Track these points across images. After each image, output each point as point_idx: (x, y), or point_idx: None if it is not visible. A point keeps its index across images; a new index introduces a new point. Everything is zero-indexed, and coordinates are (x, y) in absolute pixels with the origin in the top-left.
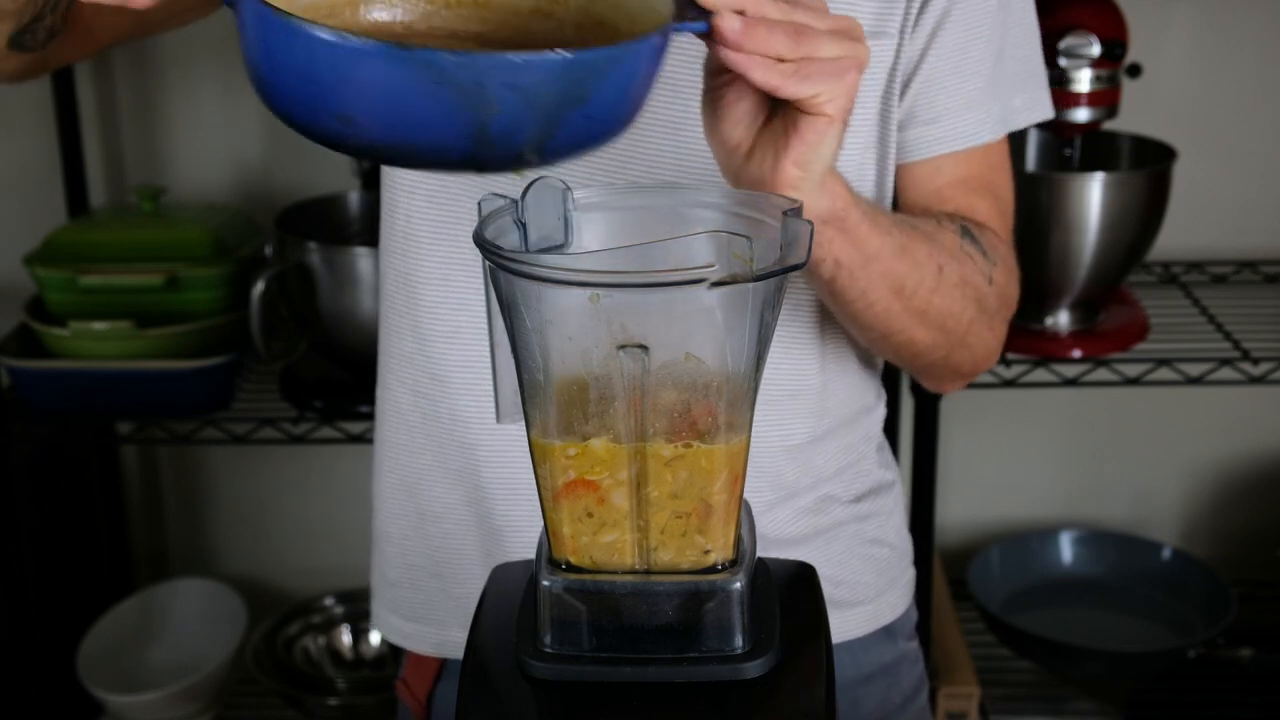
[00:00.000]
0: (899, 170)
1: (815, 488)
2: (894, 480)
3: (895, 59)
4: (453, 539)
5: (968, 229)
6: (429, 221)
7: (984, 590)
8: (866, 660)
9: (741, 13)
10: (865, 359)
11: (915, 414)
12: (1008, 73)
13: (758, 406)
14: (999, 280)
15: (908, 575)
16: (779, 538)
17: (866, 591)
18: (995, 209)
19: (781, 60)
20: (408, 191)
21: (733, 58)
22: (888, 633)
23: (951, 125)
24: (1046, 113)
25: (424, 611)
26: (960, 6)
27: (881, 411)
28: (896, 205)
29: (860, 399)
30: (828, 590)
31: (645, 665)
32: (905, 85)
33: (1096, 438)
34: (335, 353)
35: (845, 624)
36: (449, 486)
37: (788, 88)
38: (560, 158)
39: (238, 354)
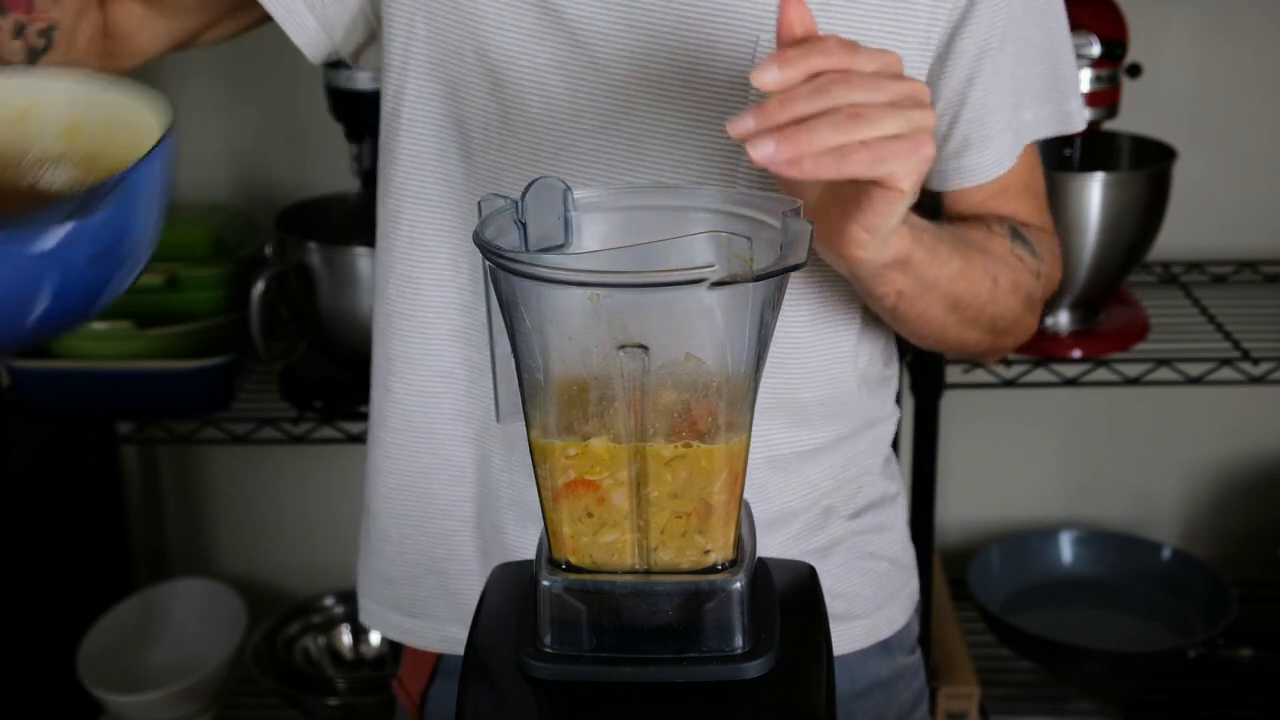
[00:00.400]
0: (949, 191)
1: (817, 501)
2: (898, 493)
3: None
4: (455, 536)
5: (1017, 231)
6: (434, 225)
7: (984, 590)
8: (862, 674)
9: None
10: (882, 374)
11: (915, 414)
12: (1062, 77)
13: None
14: (1046, 272)
15: (909, 589)
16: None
17: (864, 605)
18: (1036, 205)
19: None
20: (414, 197)
21: (786, 171)
22: (885, 647)
23: (1005, 147)
24: (1082, 123)
25: (424, 607)
26: (999, 37)
27: (892, 426)
28: (935, 212)
29: (875, 410)
30: (826, 601)
31: (645, 665)
32: (953, 120)
33: (1096, 438)
34: (335, 353)
35: (841, 637)
36: (451, 484)
37: (853, 171)
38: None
39: (238, 354)
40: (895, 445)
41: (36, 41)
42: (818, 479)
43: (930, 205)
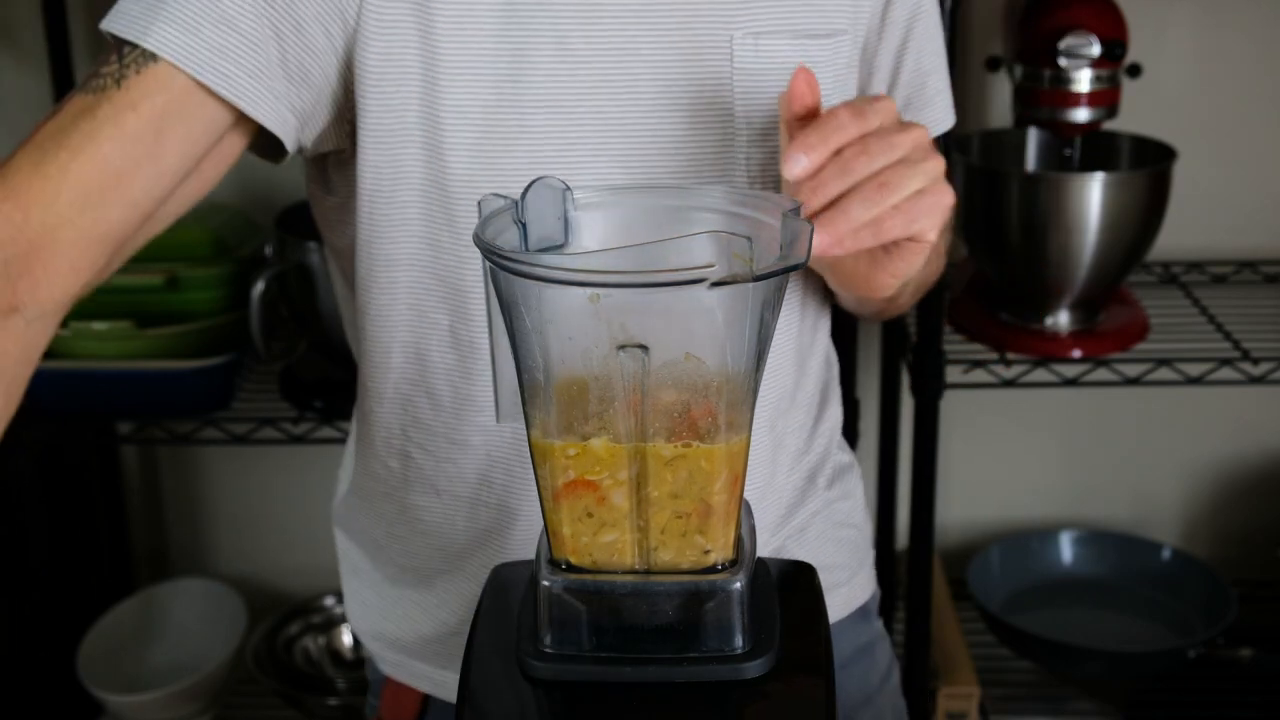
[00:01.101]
0: None
1: (803, 475)
2: (852, 462)
3: (858, 54)
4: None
5: None
6: (437, 293)
7: (984, 590)
8: (846, 643)
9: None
10: (827, 352)
11: (915, 414)
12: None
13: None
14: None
15: (871, 554)
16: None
17: (842, 574)
18: None
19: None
20: (409, 264)
21: (831, 252)
22: (863, 613)
23: (937, 113)
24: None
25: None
26: (928, 3)
27: (839, 401)
28: None
29: (830, 388)
30: None
31: (645, 665)
32: (893, 84)
33: (1097, 438)
34: (335, 353)
35: (830, 608)
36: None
37: (890, 236)
38: None
39: (238, 354)
40: (895, 446)
41: None
42: (805, 451)
43: None
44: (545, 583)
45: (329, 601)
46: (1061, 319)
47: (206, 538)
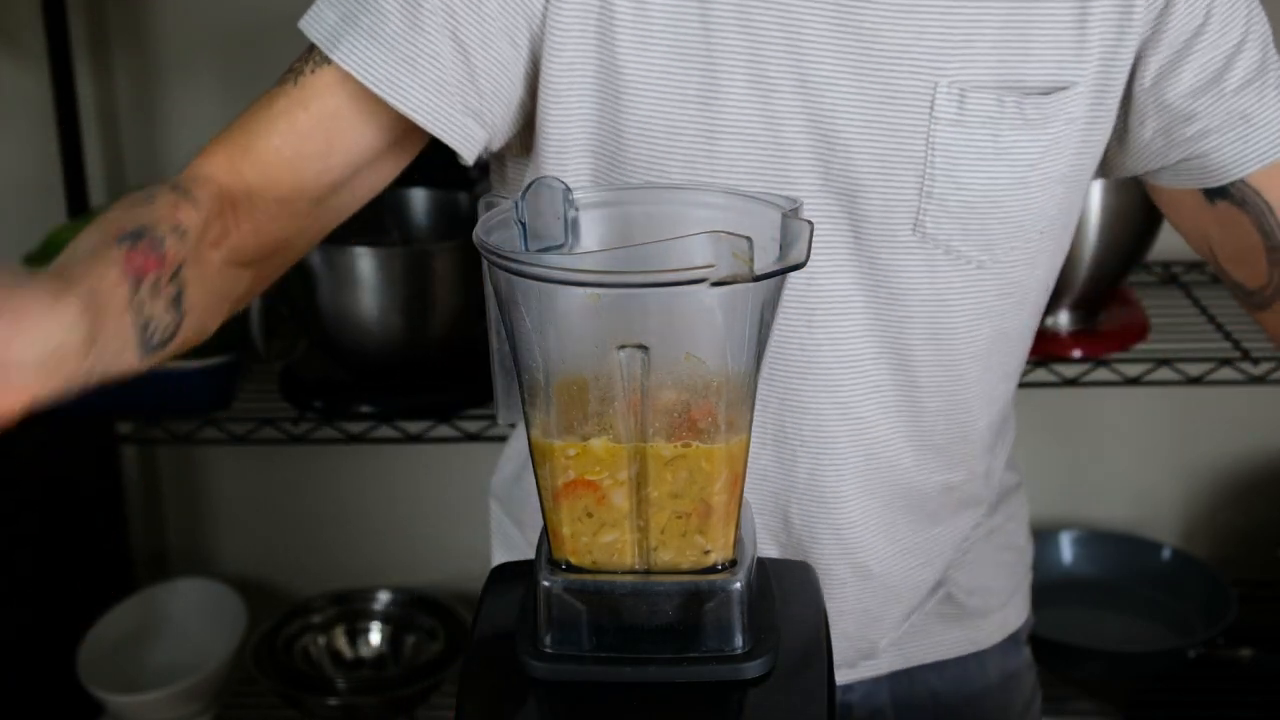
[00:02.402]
0: (1253, 177)
1: (971, 495)
2: (1019, 482)
3: (1092, 109)
4: None
5: None
6: None
7: None
8: (993, 668)
9: None
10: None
11: None
12: None
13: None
14: None
15: (1029, 578)
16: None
17: (996, 599)
18: None
19: None
20: None
21: None
22: (1014, 640)
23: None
24: None
25: None
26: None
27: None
28: None
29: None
30: (962, 599)
31: (645, 665)
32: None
33: (1096, 438)
34: (335, 353)
35: (979, 632)
36: None
37: None
38: None
39: (238, 354)
40: None
41: (169, 290)
42: (971, 472)
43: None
44: (545, 583)
45: (329, 601)
46: (1061, 319)
47: (206, 538)
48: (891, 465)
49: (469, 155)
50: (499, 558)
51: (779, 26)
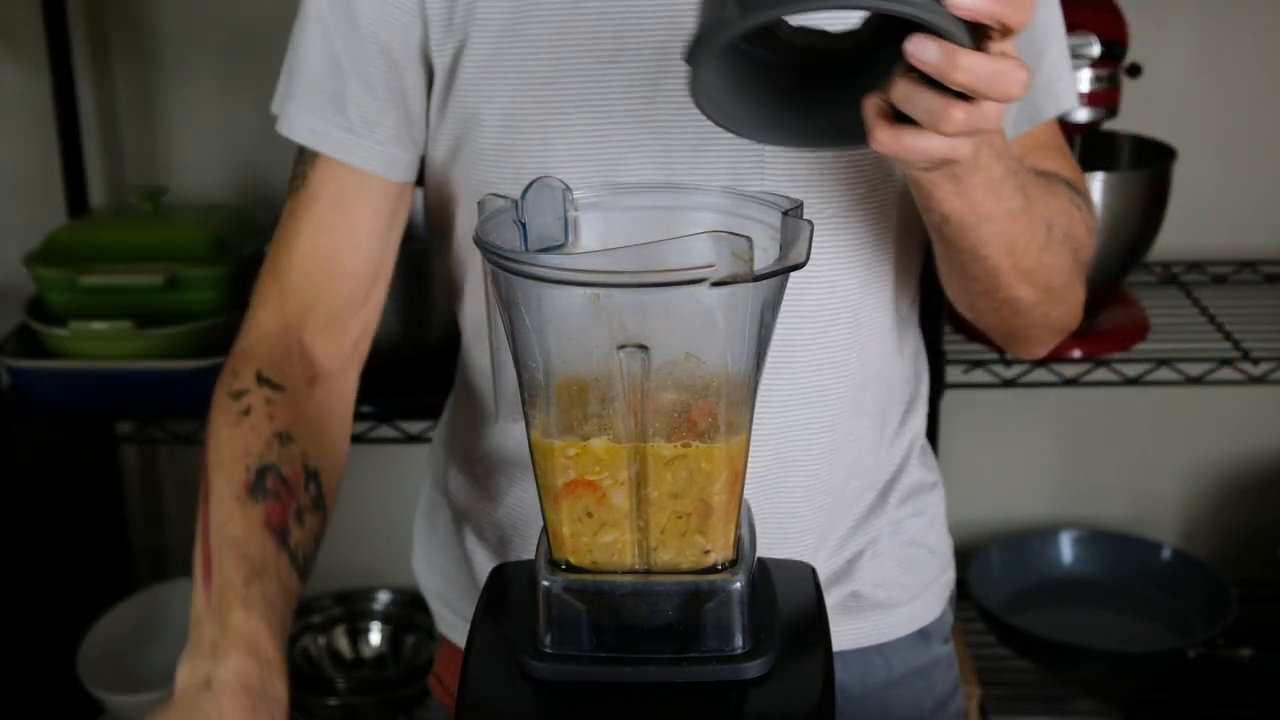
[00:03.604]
0: None
1: (871, 487)
2: (936, 481)
3: None
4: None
5: (1071, 184)
6: None
7: (984, 590)
8: (900, 662)
9: None
10: (909, 355)
11: None
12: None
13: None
14: (1090, 236)
15: (945, 577)
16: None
17: (901, 593)
18: (1071, 165)
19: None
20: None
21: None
22: (922, 635)
23: (1046, 99)
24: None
25: None
26: None
27: (925, 410)
28: None
29: (913, 390)
30: (866, 591)
31: (645, 665)
32: None
33: (1096, 438)
34: None
35: (881, 626)
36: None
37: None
38: None
39: None
40: None
41: (306, 498)
42: (873, 464)
43: None
44: (545, 583)
45: (329, 601)
46: None
47: None
48: (778, 415)
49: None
50: (420, 542)
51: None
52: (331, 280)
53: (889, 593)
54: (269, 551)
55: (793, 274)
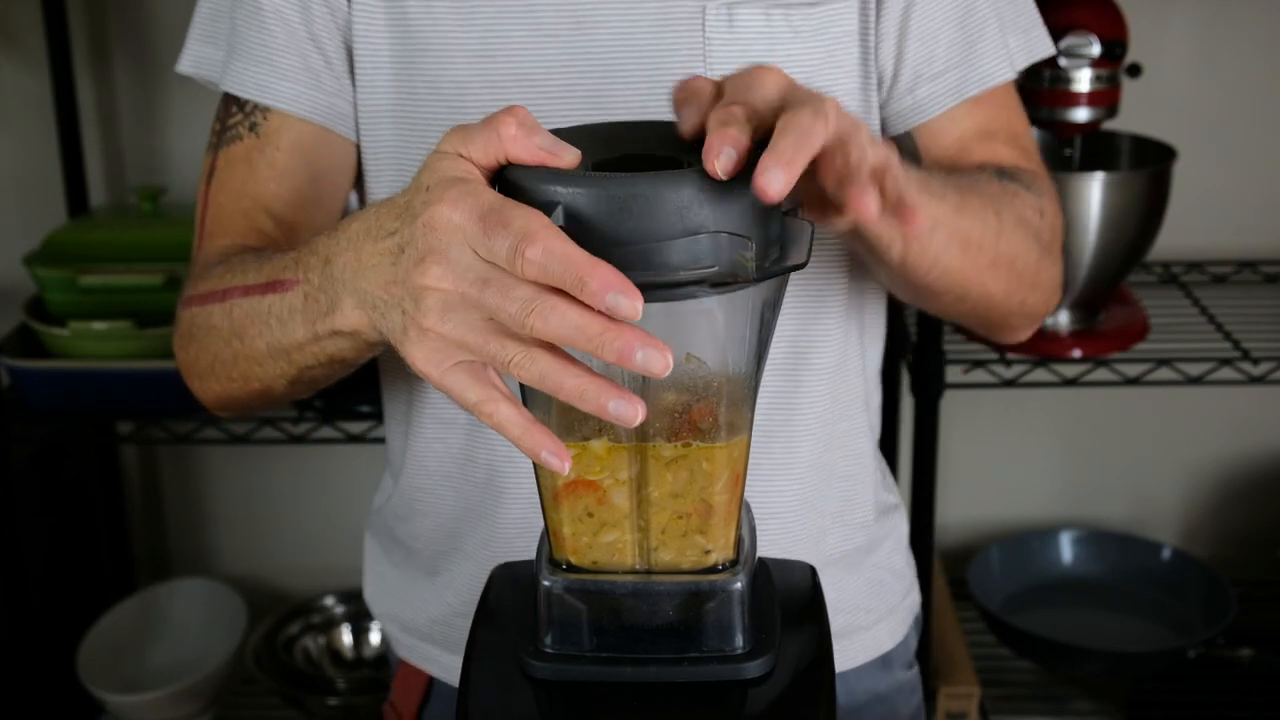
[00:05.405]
0: (916, 132)
1: (822, 510)
2: (897, 504)
3: (863, 23)
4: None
5: (1002, 170)
6: None
7: (984, 590)
8: (860, 688)
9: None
10: (862, 377)
11: (915, 414)
12: (1007, 11)
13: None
14: (1048, 211)
15: (908, 601)
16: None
17: (864, 617)
18: (1021, 150)
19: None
20: None
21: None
22: (884, 661)
23: (961, 74)
24: (1049, 48)
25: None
26: None
27: (876, 434)
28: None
29: (869, 418)
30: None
31: (646, 665)
32: (900, 47)
33: (1096, 438)
34: None
35: (841, 653)
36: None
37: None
38: None
39: None
40: (895, 446)
41: None
42: (821, 486)
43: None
44: (545, 583)
45: (329, 601)
46: (1061, 319)
47: (206, 538)
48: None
49: None
50: (370, 567)
51: None
52: (300, 222)
53: (849, 618)
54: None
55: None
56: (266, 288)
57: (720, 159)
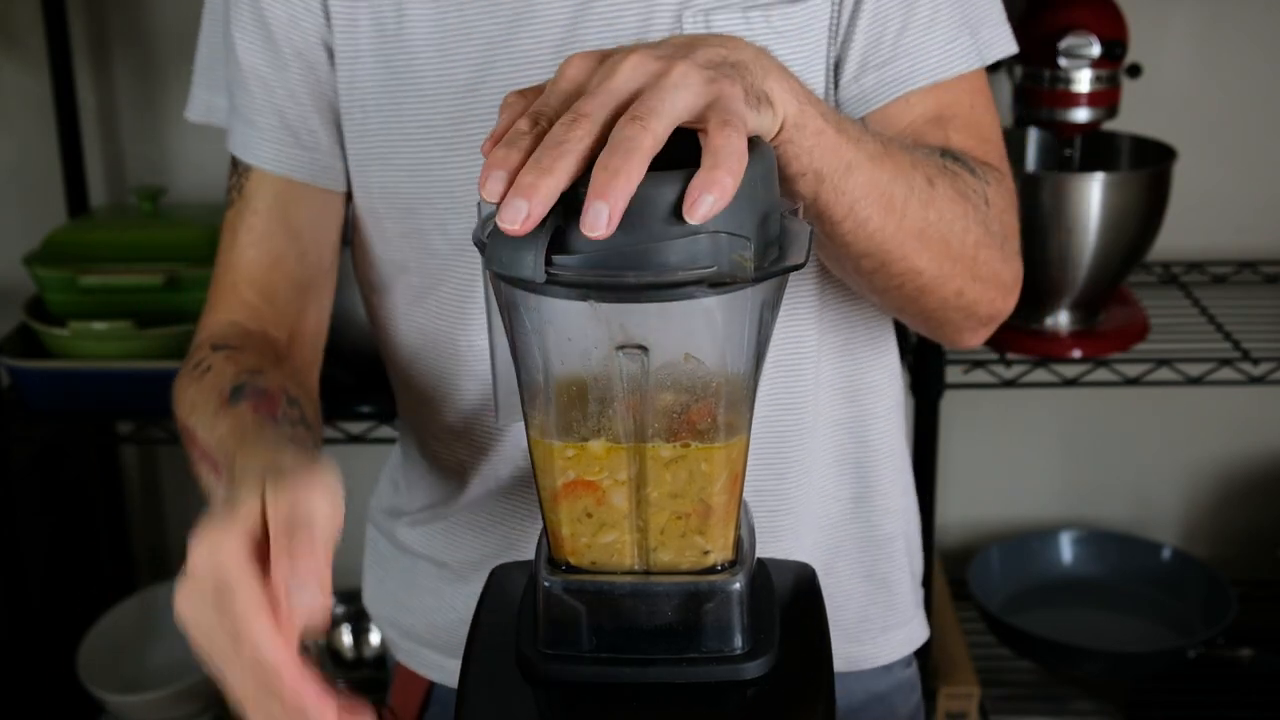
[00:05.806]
0: (868, 120)
1: (826, 512)
2: (906, 505)
3: (832, 17)
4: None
5: (946, 150)
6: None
7: (984, 590)
8: (859, 688)
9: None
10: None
11: (915, 414)
12: (968, 5)
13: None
14: (996, 203)
15: (911, 613)
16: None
17: (871, 628)
18: (979, 141)
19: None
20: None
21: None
22: (885, 668)
23: (910, 63)
24: (1012, 47)
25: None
26: None
27: (894, 440)
28: None
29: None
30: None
31: (645, 666)
32: (848, 35)
33: (1096, 438)
34: (335, 353)
35: (843, 655)
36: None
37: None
38: None
39: None
40: None
41: (294, 413)
42: (829, 487)
43: None
44: (545, 583)
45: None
46: (1061, 319)
47: None
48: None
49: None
50: (370, 571)
51: None
52: (279, 293)
53: (857, 628)
54: (266, 425)
55: None
56: (205, 455)
57: (588, 217)
